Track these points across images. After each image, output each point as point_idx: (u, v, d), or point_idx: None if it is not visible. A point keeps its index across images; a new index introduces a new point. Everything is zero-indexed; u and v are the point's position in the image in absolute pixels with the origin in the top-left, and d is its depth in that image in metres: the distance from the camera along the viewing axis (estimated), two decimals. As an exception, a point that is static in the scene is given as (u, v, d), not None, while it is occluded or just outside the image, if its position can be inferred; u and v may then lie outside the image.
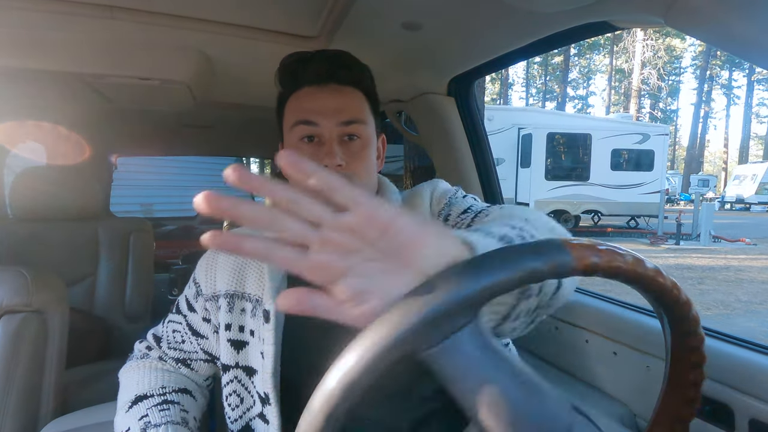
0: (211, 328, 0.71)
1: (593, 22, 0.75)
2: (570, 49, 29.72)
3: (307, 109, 0.65)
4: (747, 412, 0.70)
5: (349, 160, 0.64)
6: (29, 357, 1.01)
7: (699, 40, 0.66)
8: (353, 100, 0.66)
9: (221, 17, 0.87)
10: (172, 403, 0.66)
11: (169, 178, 5.35)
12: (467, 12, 0.81)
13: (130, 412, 0.65)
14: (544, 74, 34.16)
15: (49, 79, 0.96)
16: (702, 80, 31.16)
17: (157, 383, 0.68)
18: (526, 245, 0.31)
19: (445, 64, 1.12)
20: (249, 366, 0.67)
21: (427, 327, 0.29)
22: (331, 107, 0.64)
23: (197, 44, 0.94)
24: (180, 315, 0.74)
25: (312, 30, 0.93)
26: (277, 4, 0.83)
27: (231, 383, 0.68)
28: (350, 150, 0.65)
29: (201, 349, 0.72)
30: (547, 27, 0.83)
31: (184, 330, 0.73)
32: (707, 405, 0.75)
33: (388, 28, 0.89)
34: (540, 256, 0.30)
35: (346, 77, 0.66)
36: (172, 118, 1.76)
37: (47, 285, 1.05)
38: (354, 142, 0.65)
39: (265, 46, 0.95)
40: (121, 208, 3.73)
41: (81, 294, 1.73)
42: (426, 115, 1.32)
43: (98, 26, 0.83)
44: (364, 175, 0.66)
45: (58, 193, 1.68)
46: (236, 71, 1.11)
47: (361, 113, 0.66)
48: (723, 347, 0.77)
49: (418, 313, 0.28)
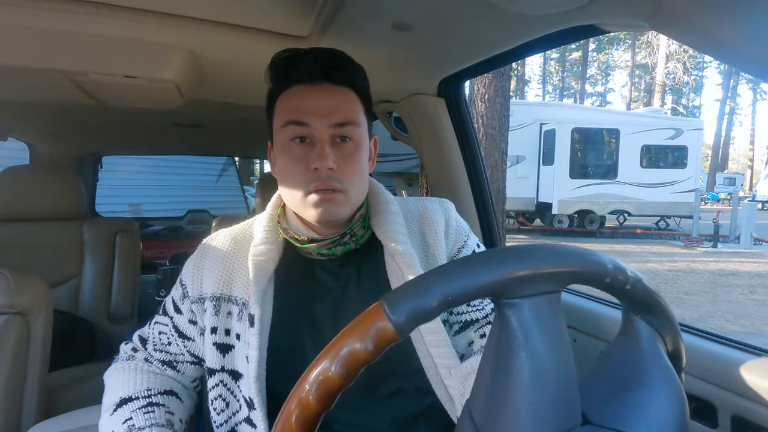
0: (197, 330, 0.70)
1: (581, 26, 0.76)
2: (589, 43, 28.89)
3: (299, 108, 0.63)
4: (729, 408, 0.72)
5: (341, 162, 0.62)
6: (12, 360, 0.99)
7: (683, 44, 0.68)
8: (346, 100, 0.64)
9: (210, 16, 0.86)
10: (157, 405, 0.65)
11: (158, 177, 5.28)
12: (457, 13, 0.81)
13: (115, 414, 0.64)
14: (561, 70, 33.21)
15: (32, 76, 0.94)
16: (728, 75, 29.98)
17: (142, 385, 0.67)
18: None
19: (435, 65, 1.13)
20: (235, 370, 0.66)
21: (523, 280, 0.33)
22: (324, 107, 0.62)
23: (185, 42, 0.93)
24: (166, 317, 0.73)
25: (302, 30, 0.92)
26: (266, 3, 0.82)
27: (216, 387, 0.67)
28: (342, 152, 0.63)
29: (187, 351, 0.71)
30: (536, 29, 0.84)
31: (171, 332, 0.72)
32: (691, 402, 0.76)
33: (378, 28, 0.89)
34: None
35: (339, 77, 0.64)
36: (160, 117, 1.74)
37: (30, 286, 1.04)
38: (346, 144, 0.64)
39: (255, 45, 0.95)
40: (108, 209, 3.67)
41: (65, 295, 1.70)
42: (416, 115, 1.32)
43: (83, 22, 0.82)
44: (356, 178, 0.64)
45: (41, 193, 1.65)
46: (225, 70, 1.10)
47: (355, 114, 0.65)
48: (705, 345, 0.78)
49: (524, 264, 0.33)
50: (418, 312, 0.32)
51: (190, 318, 0.70)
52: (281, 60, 0.65)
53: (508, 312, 0.34)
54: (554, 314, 0.35)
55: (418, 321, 0.32)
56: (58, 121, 1.83)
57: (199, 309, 0.69)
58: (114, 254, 1.79)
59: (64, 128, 1.94)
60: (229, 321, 0.66)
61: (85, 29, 0.84)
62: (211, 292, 0.67)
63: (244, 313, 0.65)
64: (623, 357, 0.40)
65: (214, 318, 0.67)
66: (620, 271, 0.36)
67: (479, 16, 0.81)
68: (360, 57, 0.69)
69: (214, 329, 0.67)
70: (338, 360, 0.32)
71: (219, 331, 0.67)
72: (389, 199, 0.71)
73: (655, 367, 0.38)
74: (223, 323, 0.67)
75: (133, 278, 1.85)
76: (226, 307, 0.67)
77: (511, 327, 0.34)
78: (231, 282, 0.67)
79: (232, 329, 0.66)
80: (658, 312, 0.39)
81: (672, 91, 25.91)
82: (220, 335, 0.67)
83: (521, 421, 0.32)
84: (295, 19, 0.88)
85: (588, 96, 33.35)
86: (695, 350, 0.77)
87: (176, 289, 0.73)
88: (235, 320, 0.66)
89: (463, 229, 0.74)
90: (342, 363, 0.32)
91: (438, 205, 0.75)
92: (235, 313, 0.66)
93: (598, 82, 34.51)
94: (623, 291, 0.37)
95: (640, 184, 10.36)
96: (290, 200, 0.66)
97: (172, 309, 0.72)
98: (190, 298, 0.69)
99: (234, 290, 0.67)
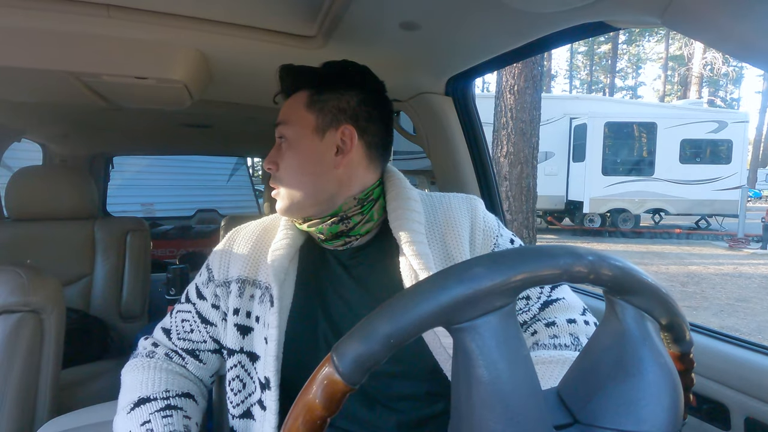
0: (219, 314, 0.72)
1: (590, 23, 0.75)
2: (618, 35, 27.39)
3: None
4: (743, 410, 0.70)
5: (279, 161, 0.68)
6: (26, 357, 1.01)
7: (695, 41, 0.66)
8: (290, 103, 0.69)
9: (218, 16, 0.87)
10: (175, 409, 0.66)
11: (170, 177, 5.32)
12: (465, 12, 0.81)
13: (132, 414, 0.64)
14: (589, 64, 30.79)
15: (45, 78, 0.96)
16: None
17: (160, 386, 0.68)
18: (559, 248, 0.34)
19: (442, 63, 1.12)
20: (252, 352, 0.68)
21: (467, 303, 0.31)
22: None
23: (194, 43, 0.94)
24: (189, 303, 0.75)
25: (309, 30, 0.92)
26: (274, 3, 0.82)
27: (234, 368, 0.69)
28: (279, 152, 0.69)
29: (210, 337, 0.73)
30: (544, 27, 0.83)
31: (193, 318, 0.73)
32: (704, 404, 0.75)
33: (385, 27, 0.89)
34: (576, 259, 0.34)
35: (292, 85, 0.70)
36: (169, 117, 1.75)
37: (44, 285, 1.05)
38: (282, 143, 0.68)
39: (263, 45, 0.95)
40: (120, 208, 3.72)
41: (77, 294, 1.72)
42: (424, 114, 1.32)
43: (93, 24, 0.83)
44: (287, 175, 0.68)
45: (53, 193, 1.68)
46: (233, 70, 1.11)
47: (288, 114, 0.69)
48: (717, 345, 0.77)
49: (464, 287, 0.31)
50: (363, 359, 0.31)
51: (213, 302, 0.72)
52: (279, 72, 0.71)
53: (461, 336, 0.33)
54: (508, 328, 0.33)
55: (365, 368, 0.31)
56: (70, 123, 1.86)
57: (223, 292, 0.71)
58: (125, 253, 1.81)
59: (75, 129, 1.97)
60: (251, 304, 0.69)
61: (96, 31, 0.85)
62: (237, 275, 0.70)
63: (266, 296, 0.67)
64: (608, 346, 0.37)
65: (237, 300, 0.69)
66: (579, 262, 0.33)
67: (487, 14, 0.81)
68: (367, 56, 0.69)
69: (236, 311, 0.69)
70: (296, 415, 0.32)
71: (241, 313, 0.69)
72: (412, 195, 0.70)
73: (644, 351, 0.35)
74: (245, 305, 0.69)
75: (144, 277, 1.87)
76: (250, 290, 0.69)
77: (468, 350, 0.32)
78: (257, 267, 0.70)
79: (252, 311, 0.68)
80: (638, 289, 0.35)
81: (709, 83, 24.38)
82: (242, 317, 0.69)
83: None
84: (303, 19, 0.88)
85: (617, 90, 31.22)
86: (708, 351, 0.76)
87: (201, 275, 0.75)
88: (256, 303, 0.68)
89: (491, 229, 0.72)
90: (301, 417, 0.32)
91: (464, 204, 0.73)
92: (257, 296, 0.68)
93: (629, 76, 32.31)
94: (591, 279, 0.34)
95: (679, 181, 9.69)
96: None
97: (195, 295, 0.74)
98: (216, 281, 0.72)
99: (259, 275, 0.69)
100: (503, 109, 4.85)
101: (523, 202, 4.95)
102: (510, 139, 4.85)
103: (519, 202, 4.94)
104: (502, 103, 4.86)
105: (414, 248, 0.64)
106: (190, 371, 0.73)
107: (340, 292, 0.68)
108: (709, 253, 8.25)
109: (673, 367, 0.36)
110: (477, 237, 0.70)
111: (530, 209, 5.02)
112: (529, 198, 4.95)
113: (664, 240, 9.91)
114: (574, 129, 10.14)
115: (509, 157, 4.88)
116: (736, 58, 0.54)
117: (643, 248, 8.64)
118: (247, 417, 0.68)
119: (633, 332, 0.36)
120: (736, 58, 0.54)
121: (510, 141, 4.86)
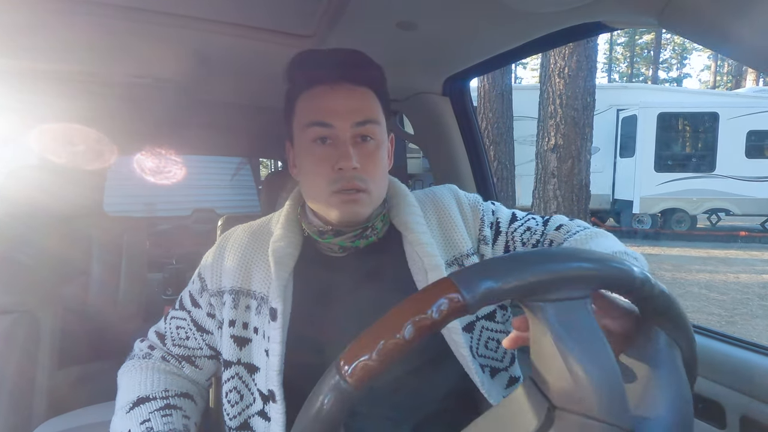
0: (215, 323, 0.71)
1: (587, 23, 0.75)
2: None
3: (322, 109, 0.63)
4: (738, 409, 0.71)
5: (364, 161, 0.63)
6: (21, 357, 1.00)
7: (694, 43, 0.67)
8: (367, 100, 0.66)
9: (216, 15, 0.87)
10: (174, 408, 0.65)
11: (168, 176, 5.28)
12: (462, 12, 0.81)
13: (131, 413, 0.64)
14: (630, 55, 28.31)
15: (41, 77, 0.95)
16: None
17: (159, 386, 0.67)
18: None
19: (439, 63, 1.12)
20: (251, 363, 0.67)
21: (560, 282, 0.35)
22: (346, 108, 0.63)
23: (191, 42, 0.94)
24: (183, 311, 0.73)
25: (307, 29, 0.92)
26: (271, 2, 0.82)
27: (232, 380, 0.68)
28: (364, 151, 0.64)
29: (206, 344, 0.72)
30: (542, 27, 0.83)
31: (189, 326, 0.72)
32: (699, 403, 0.76)
33: (382, 27, 0.89)
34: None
35: (359, 77, 0.66)
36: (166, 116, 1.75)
37: (39, 285, 1.05)
38: (368, 143, 0.65)
39: (260, 44, 0.95)
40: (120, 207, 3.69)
41: (73, 294, 1.71)
42: (421, 114, 1.32)
43: (89, 23, 0.82)
44: (378, 176, 0.66)
45: (50, 192, 1.66)
46: (231, 70, 1.11)
47: (375, 113, 0.66)
48: (713, 345, 0.78)
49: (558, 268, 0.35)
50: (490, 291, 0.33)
51: (209, 311, 0.71)
52: (301, 61, 0.67)
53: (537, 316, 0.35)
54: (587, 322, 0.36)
55: (488, 299, 0.34)
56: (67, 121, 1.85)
57: (217, 302, 0.70)
58: (121, 253, 1.80)
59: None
60: (247, 315, 0.68)
61: (92, 30, 0.85)
62: (230, 286, 0.68)
63: (262, 307, 0.66)
64: (637, 361, 0.41)
65: (232, 311, 0.68)
66: (647, 280, 0.37)
67: (484, 14, 0.81)
68: (365, 56, 0.68)
69: (232, 322, 0.68)
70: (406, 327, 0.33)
71: (237, 324, 0.68)
72: (406, 191, 0.74)
73: (669, 370, 0.39)
74: (241, 317, 0.68)
75: (140, 277, 1.86)
76: (245, 301, 0.68)
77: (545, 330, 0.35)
78: (250, 276, 0.69)
79: (250, 323, 0.67)
80: (677, 321, 0.40)
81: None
82: (238, 328, 0.68)
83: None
84: (300, 18, 0.88)
85: (661, 83, 28.34)
86: (703, 350, 0.76)
87: (194, 282, 0.74)
88: (253, 314, 0.67)
89: (475, 203, 0.76)
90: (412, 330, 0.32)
91: (445, 190, 0.78)
92: (253, 307, 0.67)
93: (672, 67, 29.96)
94: (648, 299, 0.38)
95: (744, 178, 8.52)
96: (313, 200, 0.67)
97: (190, 303, 0.73)
98: (209, 291, 0.70)
99: (253, 285, 0.68)
100: (551, 96, 4.13)
101: (574, 202, 4.28)
102: (559, 129, 4.15)
103: (569, 202, 4.27)
104: (549, 89, 4.14)
105: (419, 238, 0.67)
106: (187, 375, 0.73)
107: (346, 293, 0.67)
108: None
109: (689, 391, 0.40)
110: (466, 213, 0.74)
111: (582, 210, 4.34)
112: (581, 198, 4.29)
113: (726, 244, 8.68)
114: (621, 121, 9.15)
115: (558, 151, 4.18)
116: (734, 59, 0.54)
117: (703, 253, 7.55)
118: (245, 429, 0.67)
119: (662, 354, 0.40)
120: (737, 60, 0.54)
121: (559, 132, 4.16)
